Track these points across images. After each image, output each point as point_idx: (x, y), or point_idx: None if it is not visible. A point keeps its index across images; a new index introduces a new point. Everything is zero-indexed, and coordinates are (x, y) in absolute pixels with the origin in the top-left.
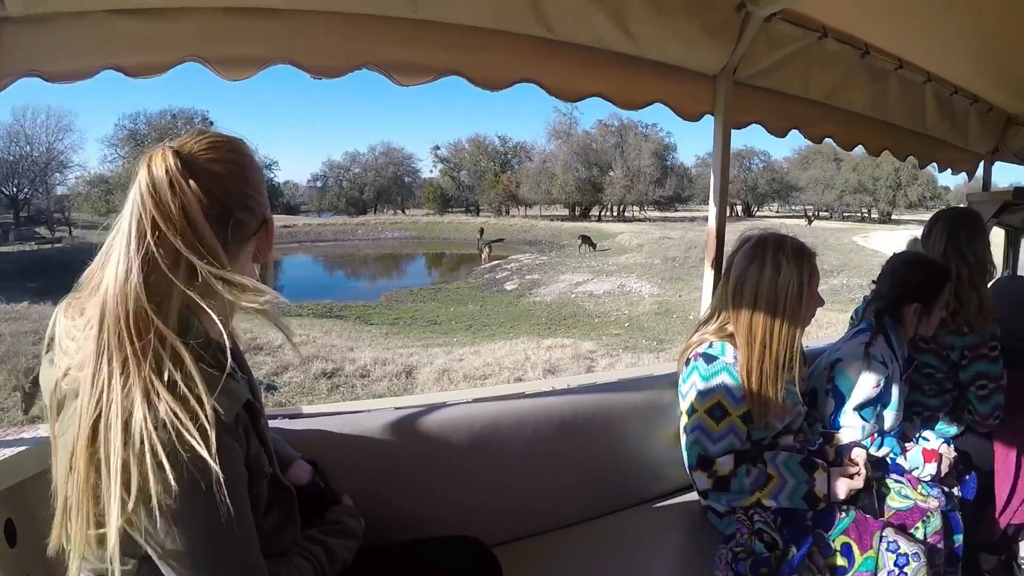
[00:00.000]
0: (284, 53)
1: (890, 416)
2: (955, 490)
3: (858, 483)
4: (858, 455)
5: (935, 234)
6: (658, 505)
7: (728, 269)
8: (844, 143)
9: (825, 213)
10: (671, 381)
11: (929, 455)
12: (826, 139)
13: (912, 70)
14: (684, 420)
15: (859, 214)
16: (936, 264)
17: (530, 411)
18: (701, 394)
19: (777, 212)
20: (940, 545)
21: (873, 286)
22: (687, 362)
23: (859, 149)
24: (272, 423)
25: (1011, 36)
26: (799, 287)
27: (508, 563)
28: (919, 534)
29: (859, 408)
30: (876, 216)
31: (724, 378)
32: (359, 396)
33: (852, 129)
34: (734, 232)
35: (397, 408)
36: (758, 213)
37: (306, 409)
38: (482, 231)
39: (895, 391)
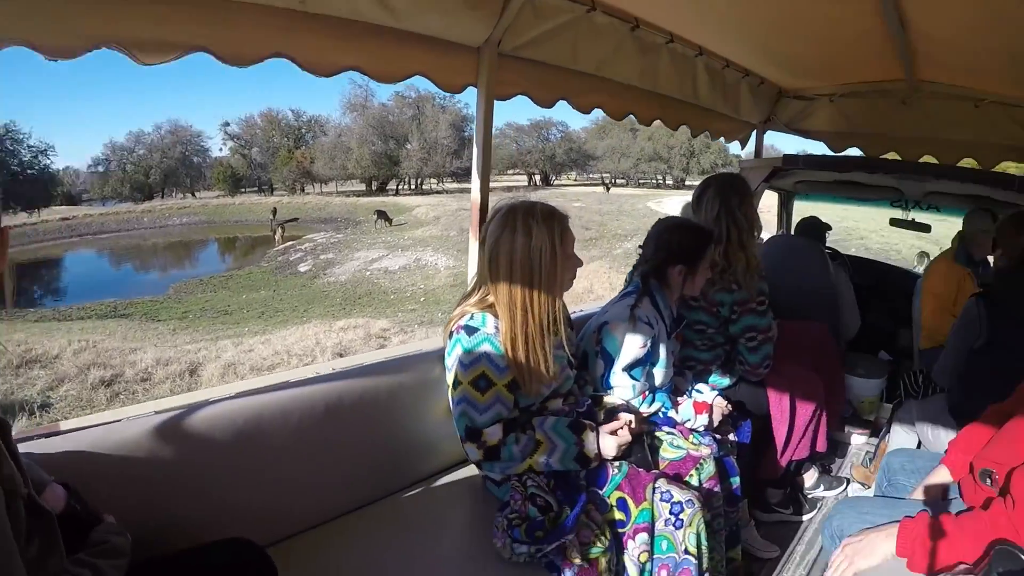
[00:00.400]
0: (15, 34)
1: (659, 373)
2: (731, 436)
3: (625, 437)
4: (624, 413)
5: (707, 199)
6: (439, 482)
7: (484, 240)
8: (613, 113)
9: (622, 180)
10: (439, 356)
11: (700, 407)
12: (595, 109)
13: (684, 44)
14: (451, 393)
15: (654, 181)
16: (698, 227)
17: (294, 401)
18: (464, 366)
19: (575, 181)
20: (716, 488)
21: (640, 251)
22: (450, 335)
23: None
24: (27, 445)
25: (775, 16)
26: (552, 249)
27: (286, 561)
28: (694, 481)
29: (628, 368)
30: (671, 183)
31: (486, 348)
32: (140, 402)
33: (622, 100)
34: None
35: (158, 412)
36: (556, 182)
37: (63, 425)
38: (275, 211)
39: (663, 350)
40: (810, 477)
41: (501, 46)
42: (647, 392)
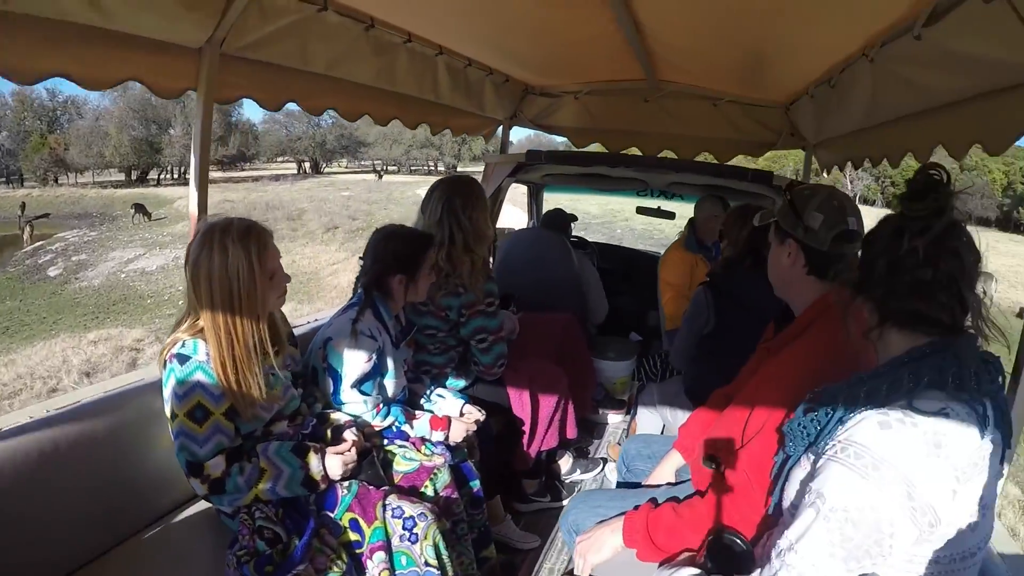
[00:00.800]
0: None
1: (390, 384)
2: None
3: (352, 456)
4: (348, 432)
5: (432, 202)
6: (179, 517)
7: (186, 261)
8: (347, 114)
9: (394, 167)
10: (160, 385)
11: (436, 423)
12: (328, 110)
13: (423, 43)
14: (170, 426)
15: (426, 168)
16: (414, 234)
17: (5, 452)
18: (179, 397)
19: (346, 168)
20: (455, 495)
21: (361, 261)
22: (164, 365)
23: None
24: None
25: (509, 19)
26: (249, 269)
27: None
28: (430, 491)
29: (357, 384)
30: (443, 169)
31: (200, 377)
32: None
33: (356, 100)
34: (300, 191)
35: None
36: (327, 169)
37: None
38: (23, 206)
39: (390, 361)
40: (565, 463)
41: (224, 47)
42: (380, 405)
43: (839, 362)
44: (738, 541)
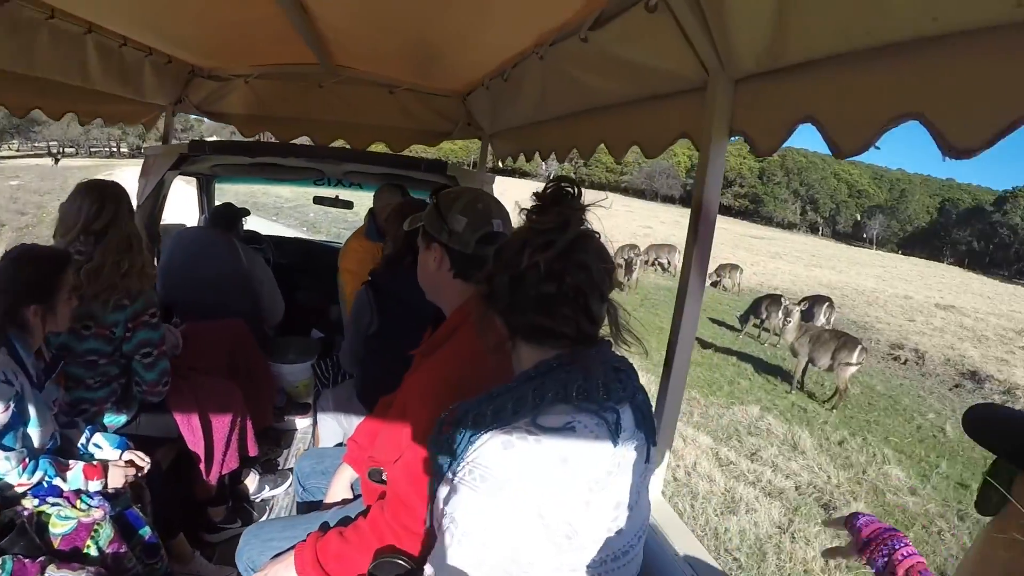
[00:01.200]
0: None
1: (36, 433)
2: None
3: None
4: None
5: (121, 213)
6: None
7: None
8: None
9: (71, 149)
10: None
11: (91, 472)
12: None
13: (68, 20)
14: None
15: (108, 149)
16: (47, 254)
17: None
18: None
19: (18, 151)
20: (123, 549)
21: None
22: None
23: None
24: None
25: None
26: None
27: None
28: (93, 551)
29: None
30: (126, 151)
31: None
32: None
33: None
34: None
35: None
36: None
37: None
38: None
39: (32, 407)
40: (252, 481)
41: None
42: (27, 460)
43: (483, 369)
44: (402, 562)
